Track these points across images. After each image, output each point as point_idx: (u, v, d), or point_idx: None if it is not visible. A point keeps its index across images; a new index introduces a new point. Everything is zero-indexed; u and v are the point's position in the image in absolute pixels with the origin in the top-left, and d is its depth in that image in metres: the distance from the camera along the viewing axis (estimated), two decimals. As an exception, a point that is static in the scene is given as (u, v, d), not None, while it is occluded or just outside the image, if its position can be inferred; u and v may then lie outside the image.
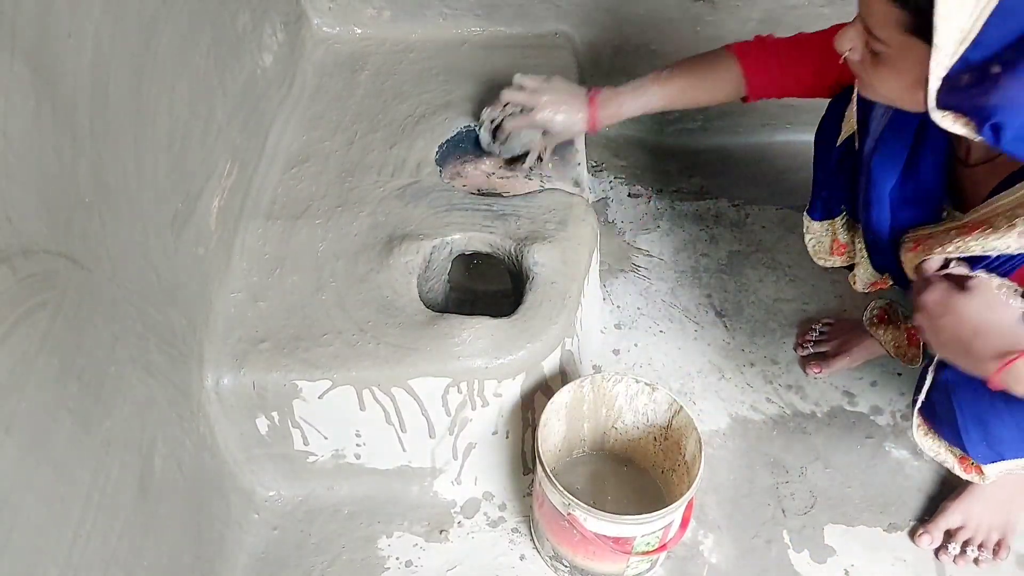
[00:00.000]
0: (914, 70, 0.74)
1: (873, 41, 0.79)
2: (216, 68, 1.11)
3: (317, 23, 1.51)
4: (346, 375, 1.03)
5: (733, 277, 1.46)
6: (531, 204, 1.22)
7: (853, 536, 1.14)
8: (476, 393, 1.07)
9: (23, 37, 0.70)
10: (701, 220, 1.56)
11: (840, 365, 1.31)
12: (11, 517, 0.67)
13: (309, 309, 1.10)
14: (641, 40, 1.53)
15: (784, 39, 1.13)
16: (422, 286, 1.15)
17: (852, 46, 0.82)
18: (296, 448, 1.13)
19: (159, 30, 0.95)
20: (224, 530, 1.09)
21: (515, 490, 1.20)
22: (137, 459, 0.87)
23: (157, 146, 0.95)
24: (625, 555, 0.98)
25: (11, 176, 0.68)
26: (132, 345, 0.87)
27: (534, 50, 1.48)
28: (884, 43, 0.77)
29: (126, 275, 0.87)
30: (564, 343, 1.12)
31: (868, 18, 0.78)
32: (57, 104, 0.75)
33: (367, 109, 1.39)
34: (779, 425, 1.26)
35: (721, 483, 1.20)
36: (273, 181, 1.27)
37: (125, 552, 0.83)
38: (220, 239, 1.12)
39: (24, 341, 0.69)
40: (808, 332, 1.36)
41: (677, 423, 1.05)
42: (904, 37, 0.75)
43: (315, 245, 1.17)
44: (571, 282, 1.12)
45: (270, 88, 1.31)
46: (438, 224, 1.18)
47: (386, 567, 1.13)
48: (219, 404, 1.06)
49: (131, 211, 0.89)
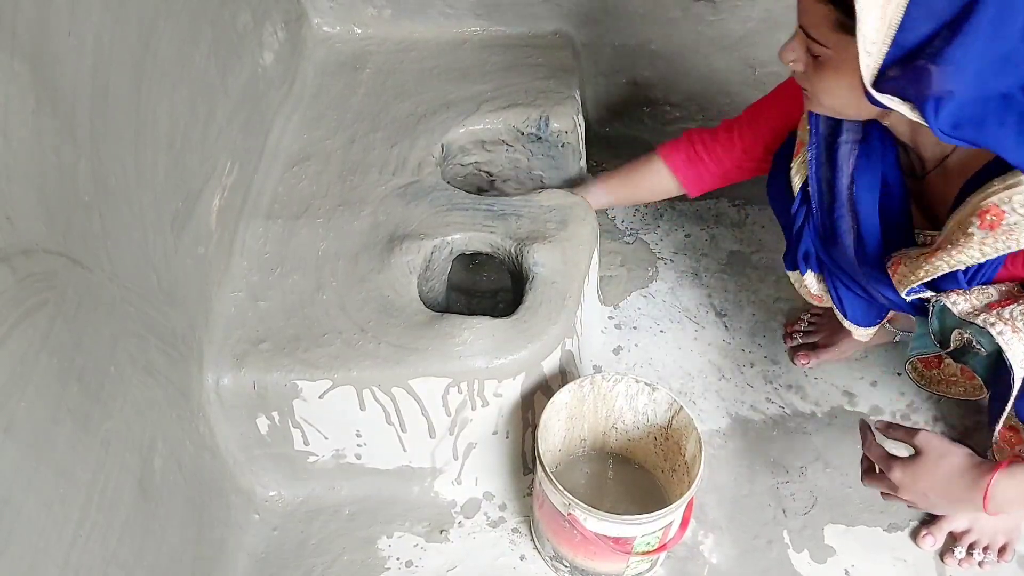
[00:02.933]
0: (852, 69, 0.74)
1: (812, 44, 0.81)
2: (216, 68, 1.11)
3: (318, 22, 1.51)
4: (346, 375, 1.03)
5: (733, 277, 1.46)
6: (531, 204, 1.22)
7: (853, 536, 1.14)
8: (476, 393, 1.07)
9: (23, 37, 0.70)
10: (701, 220, 1.55)
11: (828, 356, 1.31)
12: (11, 517, 0.67)
13: (309, 309, 1.10)
14: (641, 40, 1.53)
15: (707, 131, 1.20)
16: (422, 286, 1.15)
17: (795, 56, 0.84)
18: (296, 448, 1.13)
19: (159, 30, 0.95)
20: (224, 530, 1.09)
21: (515, 490, 1.20)
22: (137, 459, 0.87)
23: (157, 146, 0.95)
24: (625, 555, 0.98)
25: (11, 176, 0.68)
26: (132, 345, 0.87)
27: (534, 50, 1.48)
28: (822, 44, 0.79)
29: (126, 275, 0.87)
30: (564, 343, 1.12)
31: (804, 22, 0.80)
32: (57, 104, 0.75)
33: (368, 108, 1.39)
34: (779, 425, 1.26)
35: (721, 483, 1.20)
36: (273, 181, 1.27)
37: (125, 552, 0.83)
38: (220, 239, 1.12)
39: (24, 341, 0.69)
40: (797, 322, 1.36)
41: (677, 423, 1.05)
42: (838, 36, 0.77)
43: (315, 245, 1.17)
44: (571, 282, 1.12)
45: (271, 87, 1.31)
46: (439, 224, 1.18)
47: (386, 567, 1.13)
48: (219, 404, 1.06)
49: (131, 211, 0.89)
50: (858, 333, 1.12)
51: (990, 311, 0.88)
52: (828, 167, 0.98)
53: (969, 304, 0.91)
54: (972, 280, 0.88)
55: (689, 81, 1.58)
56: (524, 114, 1.34)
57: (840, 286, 1.07)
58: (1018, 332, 0.87)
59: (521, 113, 1.34)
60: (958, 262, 0.85)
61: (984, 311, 0.89)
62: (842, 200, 0.97)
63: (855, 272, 1.01)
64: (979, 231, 0.81)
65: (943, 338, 0.96)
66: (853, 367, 1.32)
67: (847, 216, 0.98)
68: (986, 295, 0.91)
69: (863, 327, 1.11)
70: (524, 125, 1.34)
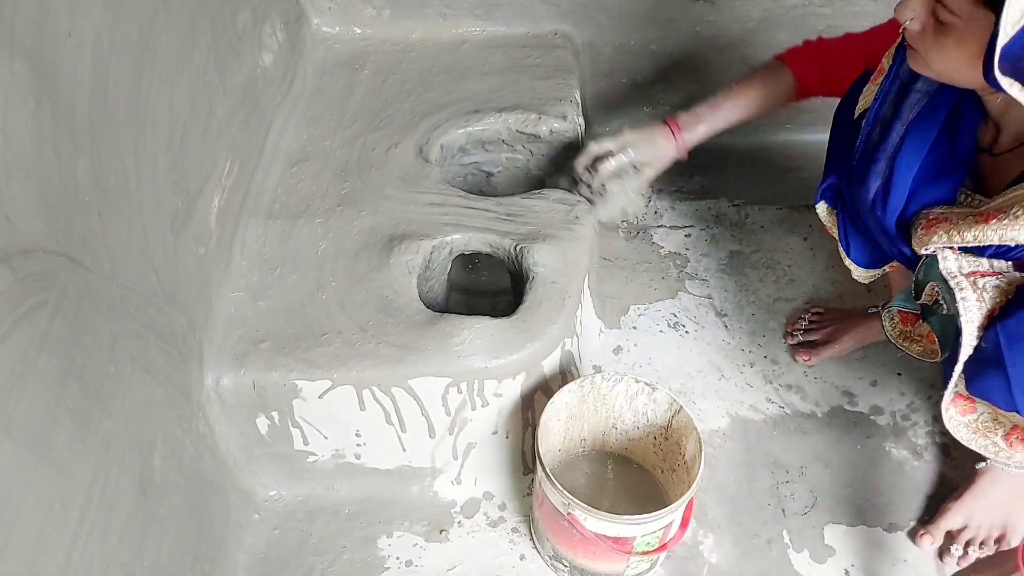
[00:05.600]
0: (976, 42, 0.73)
1: (941, 10, 0.78)
2: (216, 67, 1.11)
3: (317, 23, 1.51)
4: (346, 375, 1.03)
5: (733, 277, 1.46)
6: (531, 204, 1.22)
7: (853, 536, 1.14)
8: (476, 393, 1.07)
9: (23, 37, 0.70)
10: (701, 220, 1.56)
11: (829, 354, 1.31)
12: (11, 517, 0.67)
13: (309, 309, 1.10)
14: (641, 40, 1.53)
15: (831, 40, 1.17)
16: (422, 286, 1.15)
17: (914, 15, 0.81)
18: (296, 448, 1.13)
19: (159, 30, 0.95)
20: (224, 530, 1.09)
21: (515, 490, 1.20)
22: (137, 459, 0.87)
23: (157, 146, 0.95)
24: (625, 555, 0.98)
25: (11, 176, 0.68)
26: (132, 345, 0.87)
27: (534, 50, 1.48)
28: (953, 12, 0.77)
29: (126, 275, 0.87)
30: (564, 343, 1.12)
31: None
32: (57, 104, 0.75)
33: (367, 108, 1.39)
34: (779, 425, 1.26)
35: (721, 483, 1.20)
36: (273, 180, 1.27)
37: (125, 552, 0.83)
38: (220, 239, 1.12)
39: (24, 341, 0.69)
40: (797, 320, 1.36)
41: (677, 423, 1.05)
42: (972, 7, 0.74)
43: (315, 244, 1.17)
44: (571, 282, 1.12)
45: (270, 87, 1.31)
46: (438, 224, 1.18)
47: (386, 567, 1.13)
48: (219, 404, 1.06)
49: (131, 211, 0.89)
50: (857, 273, 1.12)
51: (968, 277, 0.88)
52: (892, 108, 0.96)
53: (957, 265, 0.90)
54: (1000, 256, 0.86)
55: (689, 81, 1.58)
56: (524, 114, 1.34)
57: (849, 225, 1.06)
58: (981, 302, 0.86)
59: (521, 113, 1.34)
60: (1012, 238, 0.83)
61: (964, 276, 0.89)
62: (888, 146, 0.96)
63: (867, 217, 1.01)
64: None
65: (918, 289, 0.96)
66: (853, 367, 1.32)
67: (883, 162, 0.96)
68: (976, 263, 0.90)
69: (863, 268, 1.11)
70: (524, 125, 1.34)
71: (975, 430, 0.96)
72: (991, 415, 0.94)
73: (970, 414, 0.95)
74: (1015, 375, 0.84)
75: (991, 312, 0.87)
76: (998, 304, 0.87)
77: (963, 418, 0.95)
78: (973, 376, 0.89)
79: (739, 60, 1.53)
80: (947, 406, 0.94)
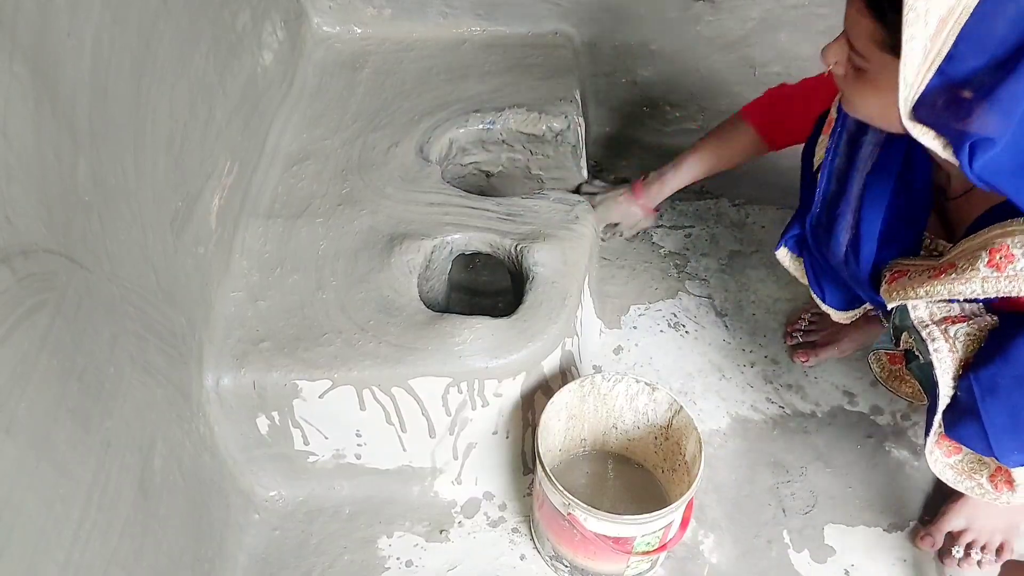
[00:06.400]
0: (893, 89, 0.71)
1: (855, 56, 0.78)
2: (216, 67, 1.11)
3: (317, 22, 1.51)
4: (346, 375, 1.03)
5: (733, 277, 1.46)
6: (531, 204, 1.22)
7: (853, 536, 1.14)
8: (476, 393, 1.07)
9: (23, 37, 0.70)
10: (701, 220, 1.55)
11: (828, 355, 1.31)
12: (11, 517, 0.67)
13: (309, 309, 1.10)
14: (641, 40, 1.53)
15: (791, 88, 1.17)
16: (422, 286, 1.15)
17: (836, 60, 0.82)
18: (296, 448, 1.13)
19: (159, 30, 0.95)
20: (224, 530, 1.09)
21: (515, 490, 1.20)
22: (137, 459, 0.87)
23: (157, 146, 0.95)
24: (625, 555, 0.98)
25: (11, 176, 0.68)
26: (132, 345, 0.87)
27: (534, 49, 1.48)
28: (865, 59, 0.77)
29: (126, 275, 0.87)
30: (564, 343, 1.12)
31: (850, 32, 0.78)
32: (57, 104, 0.75)
33: (367, 108, 1.39)
34: (779, 425, 1.26)
35: (721, 483, 1.20)
36: (273, 180, 1.27)
37: (125, 552, 0.83)
38: (220, 239, 1.12)
39: (24, 341, 0.69)
40: (797, 321, 1.36)
41: (677, 423, 1.05)
42: (882, 54, 0.75)
43: (315, 244, 1.17)
44: (571, 282, 1.12)
45: (270, 87, 1.31)
46: (439, 224, 1.18)
47: (387, 567, 1.13)
48: (219, 404, 1.06)
49: (131, 211, 0.89)
50: (836, 316, 1.12)
51: (940, 325, 0.88)
52: (845, 159, 0.95)
53: (928, 312, 0.90)
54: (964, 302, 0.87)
55: (689, 81, 1.58)
56: (523, 114, 1.34)
57: (821, 273, 1.06)
58: (954, 352, 0.86)
59: (520, 113, 1.34)
60: (959, 292, 0.83)
61: (935, 324, 0.88)
62: (849, 198, 0.95)
63: (840, 270, 1.00)
64: (985, 268, 0.79)
65: (896, 335, 0.96)
66: (853, 367, 1.32)
67: (848, 215, 0.96)
68: (947, 308, 0.90)
69: (841, 311, 1.10)
70: (523, 125, 1.34)
71: (960, 471, 0.96)
72: (976, 456, 0.95)
73: (955, 455, 0.96)
74: (991, 425, 0.85)
75: (965, 361, 0.87)
76: (971, 352, 0.87)
77: (948, 459, 0.96)
78: (951, 424, 0.90)
79: (739, 60, 1.53)
80: (931, 449, 0.94)
